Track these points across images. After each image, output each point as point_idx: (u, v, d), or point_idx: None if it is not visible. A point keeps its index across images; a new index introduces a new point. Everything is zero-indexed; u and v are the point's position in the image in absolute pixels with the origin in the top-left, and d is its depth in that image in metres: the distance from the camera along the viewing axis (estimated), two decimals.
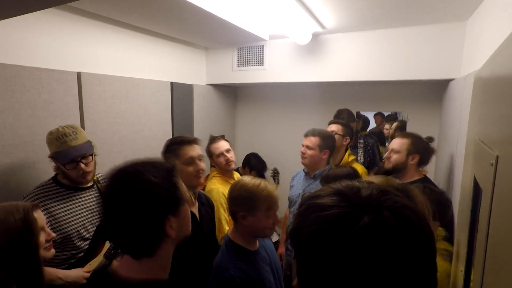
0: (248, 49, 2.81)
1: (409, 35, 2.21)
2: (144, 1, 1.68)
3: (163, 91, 2.45)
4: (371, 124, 2.96)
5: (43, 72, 1.64)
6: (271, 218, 1.22)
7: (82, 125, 1.84)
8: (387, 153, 1.88)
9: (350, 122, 2.54)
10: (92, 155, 1.52)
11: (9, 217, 0.96)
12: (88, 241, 1.50)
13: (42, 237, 1.11)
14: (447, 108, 2.27)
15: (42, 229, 1.13)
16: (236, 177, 2.14)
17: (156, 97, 2.39)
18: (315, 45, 2.52)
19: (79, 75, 1.82)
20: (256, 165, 2.95)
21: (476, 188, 0.72)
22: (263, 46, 2.74)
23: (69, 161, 1.42)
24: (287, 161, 3.27)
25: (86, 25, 1.90)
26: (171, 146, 1.52)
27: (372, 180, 0.94)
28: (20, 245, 0.96)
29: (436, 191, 1.40)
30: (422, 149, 1.80)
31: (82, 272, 1.39)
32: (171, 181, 0.80)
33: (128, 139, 2.16)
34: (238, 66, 2.88)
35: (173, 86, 2.54)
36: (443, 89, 2.51)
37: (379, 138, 2.86)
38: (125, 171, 0.79)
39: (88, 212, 1.52)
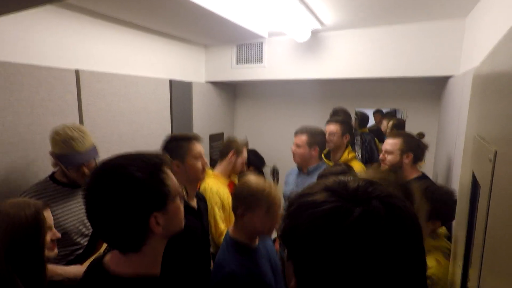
0: (247, 46, 2.81)
1: (407, 32, 2.21)
2: None
3: (162, 88, 2.45)
4: (371, 121, 2.97)
5: (41, 70, 1.64)
6: (270, 219, 1.22)
7: (81, 123, 1.84)
8: (381, 155, 1.91)
9: (347, 119, 2.55)
10: (95, 160, 1.52)
11: (20, 213, 0.96)
12: (87, 238, 1.51)
13: (48, 237, 1.11)
14: (446, 104, 2.28)
15: (49, 228, 1.13)
16: (233, 178, 2.17)
17: (155, 95, 2.38)
18: (314, 42, 2.52)
19: (78, 73, 1.82)
20: (254, 161, 2.96)
21: (475, 184, 0.73)
22: (262, 43, 2.74)
23: (74, 165, 1.42)
24: (286, 158, 3.26)
25: (84, 23, 1.89)
26: (179, 142, 1.52)
27: (371, 175, 0.94)
28: (28, 241, 0.96)
29: (440, 191, 1.39)
30: (414, 146, 1.82)
31: (81, 269, 1.39)
32: (157, 176, 0.76)
33: (127, 137, 2.16)
34: (237, 64, 2.87)
35: (172, 84, 2.53)
36: (442, 86, 2.51)
37: (378, 134, 2.87)
38: (108, 164, 0.76)
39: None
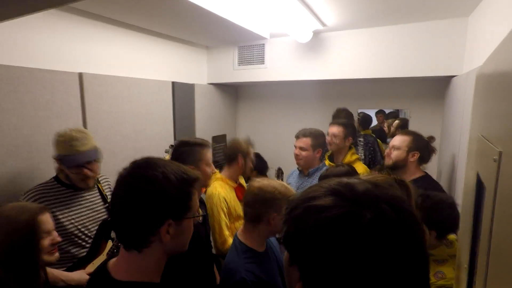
0: (249, 47, 2.81)
1: (410, 32, 2.20)
2: (145, 1, 1.68)
3: (164, 90, 2.46)
4: (373, 122, 2.95)
5: (45, 73, 1.65)
6: None
7: (84, 125, 1.85)
8: (387, 150, 1.89)
9: (350, 120, 2.53)
10: (97, 161, 1.53)
11: (18, 217, 0.96)
12: (90, 240, 1.51)
13: (46, 241, 1.11)
14: (450, 105, 2.26)
15: (48, 232, 1.13)
16: (240, 180, 2.14)
17: (158, 97, 2.39)
18: (316, 43, 2.51)
19: (81, 76, 1.83)
20: (257, 165, 2.95)
21: (479, 185, 0.72)
22: (264, 44, 2.74)
23: (75, 165, 1.43)
24: (288, 159, 3.24)
25: (87, 26, 1.91)
26: (193, 147, 1.54)
27: (373, 178, 0.94)
28: (23, 245, 0.96)
29: (433, 199, 1.28)
30: (422, 146, 1.80)
31: (84, 275, 1.39)
32: (187, 189, 0.78)
33: (130, 139, 2.17)
34: (239, 65, 2.88)
35: (175, 86, 2.54)
36: (445, 86, 2.49)
37: (380, 135, 2.86)
38: (152, 160, 0.79)
39: (89, 211, 1.53)
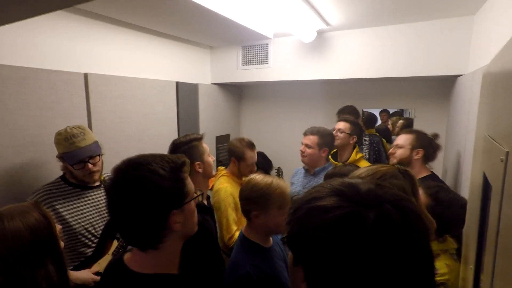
0: (252, 47, 2.81)
1: (415, 30, 2.19)
2: (149, 1, 1.69)
3: (168, 90, 2.47)
4: (378, 121, 2.94)
5: (50, 73, 1.66)
6: (284, 216, 1.21)
7: (89, 125, 1.87)
8: (391, 149, 1.88)
9: (355, 118, 2.53)
10: (100, 156, 1.54)
11: (29, 216, 0.97)
12: (96, 240, 1.52)
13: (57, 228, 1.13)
14: (455, 104, 2.24)
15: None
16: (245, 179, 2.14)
17: (162, 97, 2.40)
18: (320, 42, 2.51)
19: (86, 76, 1.84)
20: (262, 164, 2.95)
21: (486, 185, 0.72)
22: (267, 44, 2.74)
23: (77, 161, 1.44)
24: (293, 159, 3.25)
25: (92, 27, 1.92)
26: (192, 143, 1.56)
27: (372, 168, 0.94)
28: (47, 238, 0.97)
29: (447, 193, 1.28)
30: (426, 143, 1.79)
31: (90, 274, 1.40)
32: (179, 175, 0.79)
33: (134, 138, 2.18)
34: (243, 65, 2.88)
35: (178, 86, 2.55)
36: (450, 85, 2.47)
37: (385, 135, 2.84)
38: (132, 161, 0.78)
39: (95, 210, 1.55)
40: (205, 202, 1.55)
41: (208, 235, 1.41)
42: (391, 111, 2.88)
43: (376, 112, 2.93)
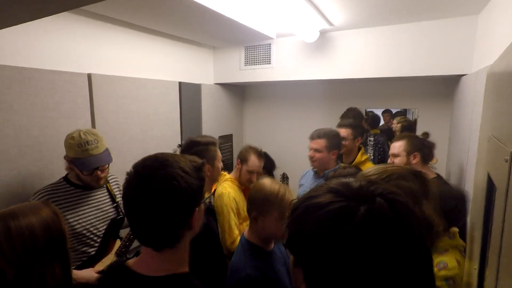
0: (255, 47, 2.81)
1: (418, 30, 2.18)
2: (152, 2, 1.69)
3: (171, 91, 2.47)
4: (381, 121, 2.93)
5: (55, 74, 1.67)
6: (283, 225, 1.18)
7: (93, 125, 1.88)
8: (389, 160, 1.88)
9: (358, 120, 2.51)
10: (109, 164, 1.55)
11: (41, 212, 0.97)
12: (98, 240, 1.53)
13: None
14: (459, 104, 2.23)
15: None
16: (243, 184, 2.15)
17: (165, 97, 2.41)
18: (323, 42, 2.50)
19: (90, 77, 1.85)
20: (265, 164, 2.94)
21: (490, 185, 0.71)
22: (270, 44, 2.74)
23: (88, 169, 1.45)
24: (295, 159, 3.25)
25: (95, 27, 1.93)
26: (208, 146, 1.59)
27: (382, 167, 0.93)
28: (58, 235, 0.97)
29: (451, 192, 1.33)
30: (420, 145, 1.80)
31: (93, 273, 1.41)
32: (201, 175, 0.81)
33: (138, 139, 2.19)
34: (245, 65, 2.88)
35: (181, 86, 2.56)
36: (454, 85, 2.46)
37: (388, 135, 2.83)
38: (158, 159, 0.78)
39: (98, 211, 1.55)
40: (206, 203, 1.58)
41: (212, 234, 1.43)
42: (394, 111, 2.87)
43: (379, 112, 2.92)
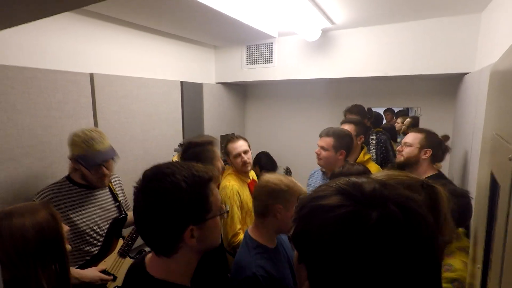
0: (257, 47, 2.81)
1: (421, 28, 2.17)
2: (154, 1, 1.70)
3: (173, 90, 2.48)
4: (384, 120, 2.92)
5: (57, 74, 1.68)
6: None
7: (96, 125, 1.88)
8: (399, 147, 1.86)
9: (362, 118, 2.50)
10: (114, 160, 1.56)
11: (37, 214, 0.98)
12: (101, 239, 1.53)
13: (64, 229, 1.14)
14: (462, 102, 2.22)
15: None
16: (251, 176, 2.14)
17: (167, 97, 2.41)
18: (325, 41, 2.50)
19: (92, 76, 1.86)
20: (266, 164, 2.94)
21: (493, 184, 0.71)
22: (272, 43, 2.73)
23: (95, 164, 1.46)
24: (298, 159, 3.25)
25: (97, 27, 1.94)
26: (205, 146, 1.58)
27: (391, 174, 0.91)
28: (53, 238, 0.98)
29: (455, 192, 1.33)
30: (435, 144, 1.76)
31: (97, 272, 1.42)
32: (202, 191, 0.77)
33: (139, 138, 2.20)
34: (247, 64, 2.88)
35: (183, 85, 2.56)
36: (457, 83, 2.45)
37: (390, 134, 2.82)
38: (160, 169, 0.78)
39: (100, 210, 1.56)
40: None
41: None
42: (396, 110, 2.86)
43: (381, 111, 2.91)
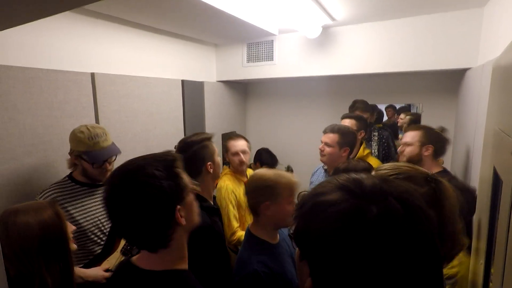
0: (257, 44, 2.80)
1: (422, 24, 2.15)
2: (154, 0, 1.69)
3: (174, 89, 2.48)
4: (385, 117, 2.91)
5: (58, 73, 1.68)
6: (292, 204, 1.20)
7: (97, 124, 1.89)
8: (400, 148, 1.85)
9: (365, 113, 2.49)
10: (116, 156, 1.57)
11: (42, 213, 0.99)
12: (104, 237, 1.54)
13: (69, 229, 1.15)
14: (464, 98, 2.21)
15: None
16: (248, 174, 2.15)
17: (168, 95, 2.41)
18: (326, 38, 2.49)
19: (93, 76, 1.86)
20: (267, 160, 2.94)
21: (496, 179, 0.70)
22: (272, 41, 2.72)
23: (101, 161, 1.47)
24: (298, 156, 3.25)
25: (98, 26, 1.93)
26: (203, 143, 1.55)
27: (399, 167, 0.90)
28: (56, 237, 0.99)
29: (466, 186, 1.33)
30: (435, 138, 1.76)
31: (101, 272, 1.42)
32: (173, 172, 0.80)
33: (141, 137, 2.20)
34: (248, 62, 2.87)
35: (184, 84, 2.56)
36: (459, 78, 2.43)
37: (392, 130, 2.81)
38: (125, 169, 0.79)
39: (103, 208, 1.56)
40: (212, 203, 1.55)
41: (218, 237, 1.40)
42: (397, 106, 2.85)
43: (382, 108, 2.90)
